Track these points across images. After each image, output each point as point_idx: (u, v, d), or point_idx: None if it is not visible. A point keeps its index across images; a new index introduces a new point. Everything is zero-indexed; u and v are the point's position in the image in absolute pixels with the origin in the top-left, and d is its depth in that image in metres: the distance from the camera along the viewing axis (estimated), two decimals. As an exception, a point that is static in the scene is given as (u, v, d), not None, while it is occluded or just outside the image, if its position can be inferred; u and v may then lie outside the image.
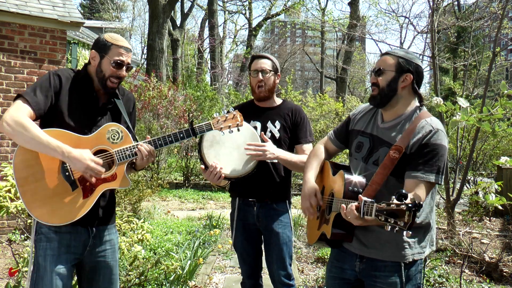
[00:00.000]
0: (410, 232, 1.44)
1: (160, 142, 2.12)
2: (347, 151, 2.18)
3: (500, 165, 2.08)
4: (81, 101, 2.06)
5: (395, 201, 1.46)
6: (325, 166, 2.14)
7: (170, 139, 2.14)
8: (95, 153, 2.00)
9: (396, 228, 1.45)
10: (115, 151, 2.03)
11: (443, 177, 1.82)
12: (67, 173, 1.96)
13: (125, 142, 2.06)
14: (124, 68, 2.09)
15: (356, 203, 1.61)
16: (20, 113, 1.89)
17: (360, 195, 1.60)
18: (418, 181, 1.76)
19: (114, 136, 2.05)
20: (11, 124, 1.86)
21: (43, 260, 1.98)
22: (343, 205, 1.68)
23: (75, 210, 1.96)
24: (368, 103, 2.03)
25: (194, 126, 2.20)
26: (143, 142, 2.09)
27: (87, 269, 2.12)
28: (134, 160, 2.11)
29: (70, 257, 2.03)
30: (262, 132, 2.55)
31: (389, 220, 1.46)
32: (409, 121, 1.86)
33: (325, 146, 2.21)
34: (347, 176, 1.84)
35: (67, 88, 2.03)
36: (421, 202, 1.49)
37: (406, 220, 1.43)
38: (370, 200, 1.56)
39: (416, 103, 1.93)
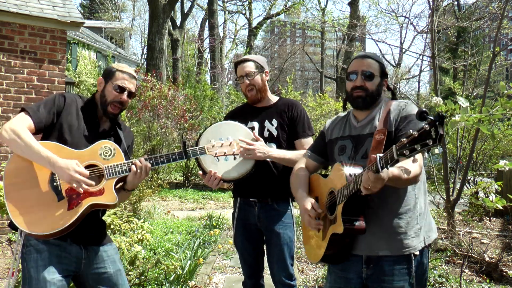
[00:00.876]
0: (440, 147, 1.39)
1: (151, 162, 2.14)
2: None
3: (500, 168, 2.08)
4: (83, 125, 2.11)
5: (412, 131, 1.40)
6: (312, 179, 2.14)
7: (162, 159, 2.16)
8: (86, 167, 2.01)
9: (428, 148, 1.37)
10: (105, 166, 2.06)
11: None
12: (55, 183, 1.99)
13: (116, 159, 2.09)
14: (126, 93, 2.15)
15: (369, 166, 1.58)
16: (19, 123, 1.97)
17: (372, 155, 1.57)
18: None
19: (106, 153, 2.08)
20: (8, 131, 1.94)
21: (35, 272, 1.96)
22: (353, 175, 1.68)
23: (57, 220, 1.95)
24: (335, 117, 2.14)
25: (187, 149, 2.22)
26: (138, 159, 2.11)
27: (90, 281, 2.12)
28: (126, 177, 2.11)
29: (62, 267, 2.01)
30: (254, 132, 2.54)
31: (416, 147, 1.39)
32: (380, 108, 1.95)
33: (305, 166, 2.20)
34: (344, 165, 1.83)
35: (70, 110, 2.10)
36: (444, 114, 1.38)
37: (434, 135, 1.35)
38: (383, 153, 1.51)
39: (383, 96, 2.02)
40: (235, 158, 2.35)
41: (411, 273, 1.86)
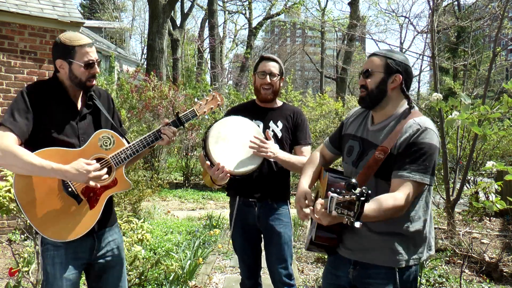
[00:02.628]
0: (360, 223, 1.39)
1: (151, 138, 2.14)
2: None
3: (489, 169, 2.07)
4: (61, 111, 2.03)
5: (351, 195, 1.41)
6: (321, 172, 2.13)
7: (159, 133, 2.17)
8: None
9: (348, 220, 1.40)
10: (110, 157, 2.05)
11: (433, 178, 1.75)
12: (69, 189, 1.98)
13: (118, 146, 2.08)
14: (96, 65, 2.04)
15: (323, 200, 1.57)
16: (7, 141, 1.83)
17: (329, 191, 1.50)
18: (403, 180, 1.70)
19: (106, 143, 2.06)
20: (1, 156, 1.82)
21: (51, 268, 2.00)
22: (315, 205, 1.62)
23: (86, 221, 2.00)
24: (360, 107, 2.02)
25: (180, 116, 2.26)
26: (135, 142, 2.11)
27: (96, 269, 2.16)
28: (131, 160, 2.14)
29: (77, 263, 2.05)
30: (268, 130, 2.57)
31: (343, 212, 1.41)
32: (398, 122, 1.82)
33: (322, 153, 2.18)
34: (330, 178, 1.83)
35: (43, 102, 1.99)
36: (369, 192, 1.39)
37: (355, 209, 1.38)
38: (336, 195, 1.47)
39: (405, 104, 1.87)
40: (220, 110, 2.37)
41: (396, 279, 1.82)
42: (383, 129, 1.85)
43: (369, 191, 1.38)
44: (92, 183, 1.94)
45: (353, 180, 1.42)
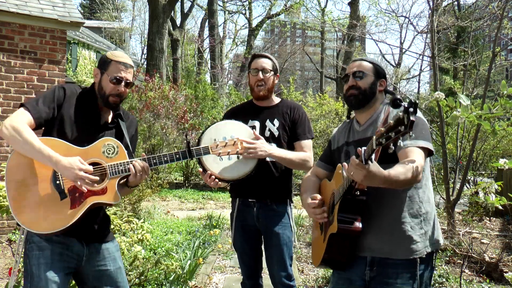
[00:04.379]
0: (411, 132, 1.37)
1: (155, 161, 2.12)
2: None
3: (500, 167, 2.07)
4: (83, 116, 2.07)
5: (390, 119, 1.42)
6: (321, 185, 2.16)
7: (165, 159, 2.14)
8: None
9: (400, 136, 1.38)
10: (108, 165, 2.03)
11: (432, 147, 1.83)
12: (57, 182, 1.97)
13: (119, 158, 2.05)
14: (123, 84, 2.08)
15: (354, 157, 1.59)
16: (19, 119, 1.93)
17: (358, 148, 1.55)
18: (410, 148, 1.77)
19: (109, 151, 2.05)
20: (8, 128, 1.90)
21: (36, 269, 1.96)
22: (345, 163, 1.66)
23: (60, 220, 1.95)
24: (341, 124, 2.15)
25: (191, 149, 2.21)
26: (138, 159, 2.08)
27: (91, 278, 2.12)
28: (128, 176, 2.09)
29: (63, 265, 2.01)
30: (254, 130, 2.53)
31: (390, 135, 1.40)
32: (382, 112, 1.94)
33: (315, 173, 2.23)
34: (342, 167, 1.83)
35: (71, 102, 2.06)
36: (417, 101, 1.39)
37: (406, 122, 1.36)
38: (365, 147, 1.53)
39: (384, 100, 2.03)
40: (238, 158, 2.34)
41: (415, 277, 1.84)
42: (372, 124, 1.96)
43: (416, 100, 1.38)
44: (78, 183, 1.92)
45: (397, 96, 1.43)
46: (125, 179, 2.13)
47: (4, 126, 1.91)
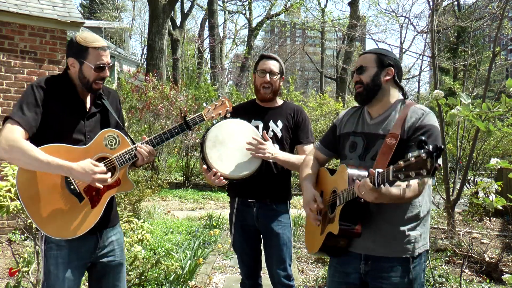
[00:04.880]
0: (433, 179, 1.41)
1: (156, 140, 2.14)
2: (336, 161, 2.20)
3: (493, 167, 2.07)
4: (69, 108, 2.03)
5: (411, 155, 1.43)
6: (320, 173, 2.16)
7: (166, 136, 2.17)
8: (97, 161, 2.01)
9: (419, 178, 1.40)
10: (115, 157, 2.04)
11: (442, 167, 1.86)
12: (72, 187, 1.97)
13: (123, 146, 2.07)
14: (107, 68, 2.04)
15: (368, 178, 1.61)
16: (14, 135, 1.84)
17: (370, 169, 1.58)
18: None
19: (111, 142, 2.06)
20: (6, 148, 1.83)
21: (55, 268, 1.99)
22: (357, 180, 1.66)
23: (86, 221, 1.99)
24: (350, 108, 2.12)
25: (187, 119, 2.24)
26: (141, 143, 2.11)
27: (98, 268, 2.15)
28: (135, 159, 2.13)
29: (80, 263, 2.05)
30: (264, 131, 2.56)
31: (410, 174, 1.41)
32: (397, 111, 1.92)
33: (315, 156, 2.23)
34: (349, 168, 1.84)
35: (52, 97, 1.99)
36: (442, 146, 1.40)
37: (429, 167, 1.37)
38: (382, 170, 1.54)
39: (399, 95, 1.99)
40: (226, 117, 2.36)
41: (409, 271, 1.87)
42: (385, 120, 1.93)
43: (442, 146, 1.40)
44: (97, 184, 1.94)
45: (423, 137, 1.44)
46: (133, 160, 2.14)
47: (2, 148, 1.83)
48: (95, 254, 2.10)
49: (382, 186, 1.55)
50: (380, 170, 1.55)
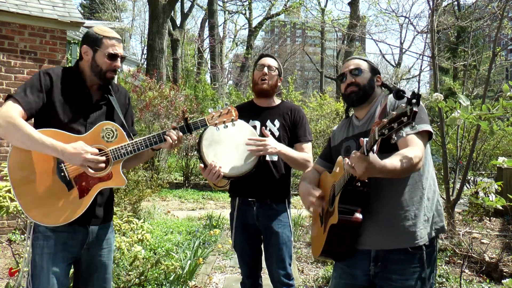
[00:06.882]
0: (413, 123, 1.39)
1: (155, 139, 2.12)
2: None
3: (499, 165, 2.08)
4: (74, 98, 2.04)
5: (392, 111, 1.44)
6: (321, 177, 2.19)
7: (164, 135, 2.15)
8: None
9: (404, 128, 1.39)
10: (110, 150, 2.02)
11: (432, 128, 1.85)
12: (62, 173, 1.96)
13: (120, 141, 2.06)
14: (119, 59, 2.08)
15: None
16: (12, 113, 1.87)
17: (360, 138, 1.58)
18: (410, 136, 1.78)
19: (108, 135, 2.04)
20: (2, 124, 1.85)
21: (40, 258, 1.97)
22: (346, 158, 1.67)
23: (71, 210, 1.96)
24: (341, 121, 2.17)
25: (189, 123, 2.21)
26: (139, 140, 2.10)
27: (84, 267, 2.12)
28: (130, 158, 2.11)
29: (67, 255, 2.02)
30: (263, 128, 2.57)
31: (393, 125, 1.41)
32: (380, 104, 1.96)
33: (315, 169, 2.28)
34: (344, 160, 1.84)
35: (58, 86, 2.01)
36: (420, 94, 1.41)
37: (409, 113, 1.37)
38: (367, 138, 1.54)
39: (381, 94, 2.06)
40: (233, 125, 2.31)
41: (424, 266, 1.85)
42: (371, 117, 1.98)
43: (420, 93, 1.41)
44: (87, 167, 1.92)
45: (400, 88, 1.46)
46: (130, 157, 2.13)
47: None
48: (83, 249, 2.08)
49: (370, 153, 1.53)
50: (367, 138, 1.53)
